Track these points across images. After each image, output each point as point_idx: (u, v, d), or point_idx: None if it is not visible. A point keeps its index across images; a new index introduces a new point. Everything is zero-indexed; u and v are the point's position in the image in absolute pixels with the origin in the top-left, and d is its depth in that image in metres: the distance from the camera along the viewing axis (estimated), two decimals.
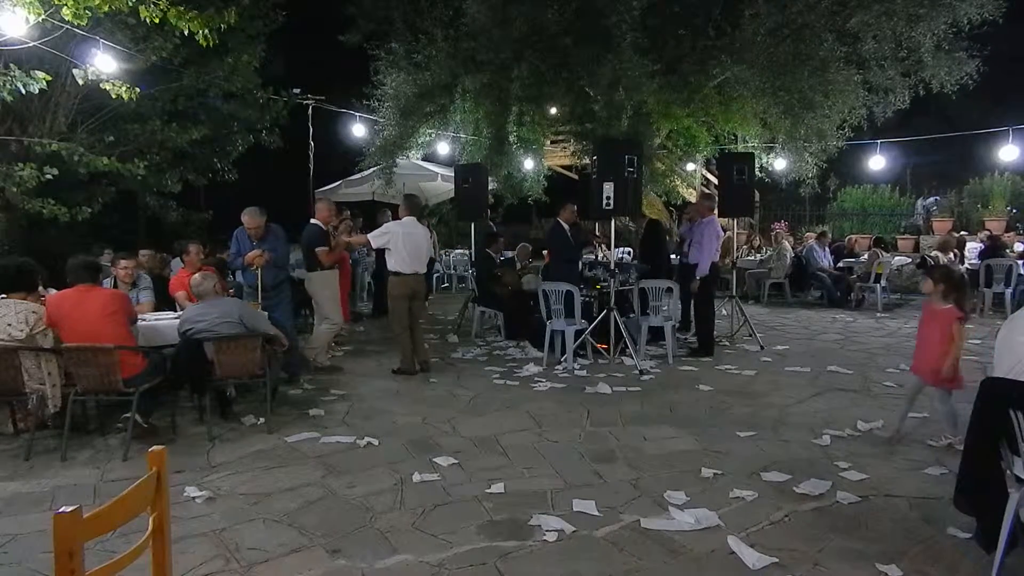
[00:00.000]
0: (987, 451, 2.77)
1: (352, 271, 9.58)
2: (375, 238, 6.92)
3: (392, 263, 6.77)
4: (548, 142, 12.83)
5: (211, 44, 6.81)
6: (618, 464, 4.25)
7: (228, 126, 12.11)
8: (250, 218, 6.26)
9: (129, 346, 4.70)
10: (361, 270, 11.21)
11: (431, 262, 10.29)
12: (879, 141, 12.59)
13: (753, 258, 13.14)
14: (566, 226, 7.90)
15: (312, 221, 6.91)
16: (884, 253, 11.43)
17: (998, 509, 2.70)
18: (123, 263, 6.21)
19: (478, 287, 9.10)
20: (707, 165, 13.99)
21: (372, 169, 11.55)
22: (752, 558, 2.98)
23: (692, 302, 8.08)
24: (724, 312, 8.91)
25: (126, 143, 9.87)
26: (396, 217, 7.23)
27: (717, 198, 9.08)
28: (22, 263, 5.07)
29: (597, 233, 9.31)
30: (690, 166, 13.30)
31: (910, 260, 12.71)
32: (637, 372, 6.70)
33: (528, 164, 11.72)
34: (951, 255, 11.08)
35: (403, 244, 6.71)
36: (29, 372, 4.50)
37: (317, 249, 6.75)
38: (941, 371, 4.20)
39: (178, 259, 7.60)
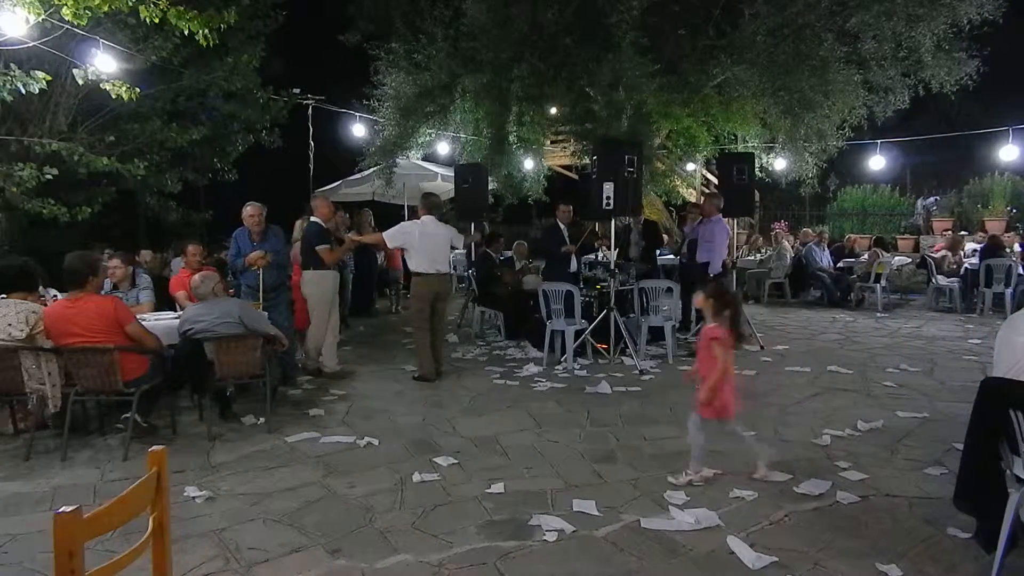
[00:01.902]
0: (987, 451, 2.76)
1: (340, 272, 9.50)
2: (391, 238, 6.73)
3: (413, 264, 6.62)
4: (548, 142, 12.83)
5: (211, 44, 6.79)
6: (618, 464, 4.25)
7: (228, 126, 12.09)
8: (253, 207, 6.25)
9: (128, 347, 4.68)
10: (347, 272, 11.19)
11: None
12: (879, 141, 12.59)
13: (753, 258, 13.14)
14: (563, 226, 7.90)
15: (313, 220, 6.70)
16: (884, 253, 11.43)
17: (998, 509, 2.70)
18: (113, 262, 6.12)
19: (478, 287, 9.10)
20: (707, 165, 13.99)
21: (372, 169, 11.55)
22: (752, 558, 2.98)
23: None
24: None
25: (126, 143, 9.86)
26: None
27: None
28: (23, 263, 5.07)
29: (597, 232, 9.30)
30: (690, 166, 13.30)
31: (910, 260, 12.71)
32: (637, 372, 6.70)
33: (528, 164, 11.72)
34: (960, 255, 11.08)
35: (420, 243, 6.51)
36: (29, 372, 4.50)
37: (318, 248, 6.54)
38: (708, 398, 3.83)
39: (178, 259, 7.59)
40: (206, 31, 6.62)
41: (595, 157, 7.37)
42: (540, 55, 9.85)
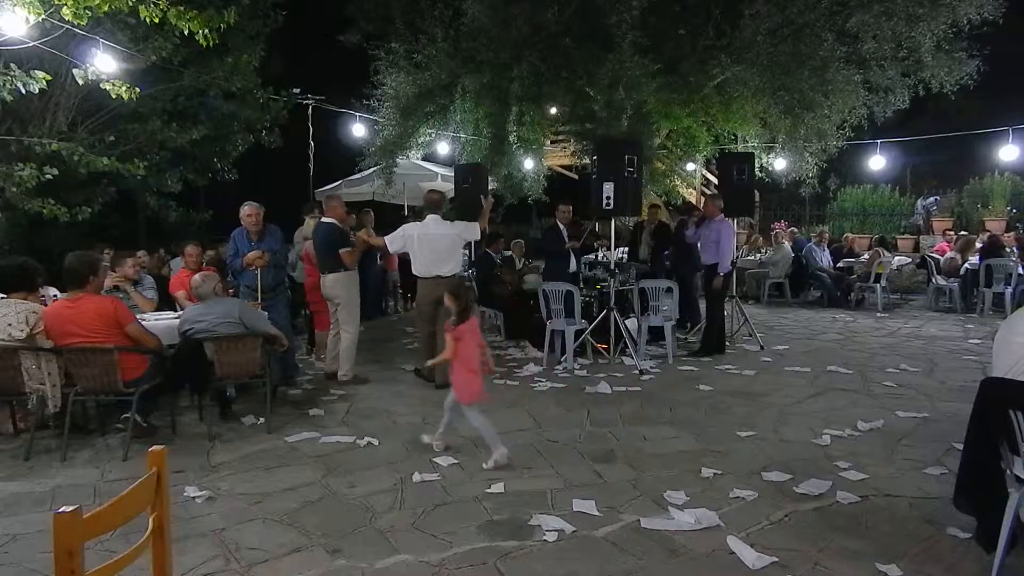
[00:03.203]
0: (987, 451, 2.77)
1: None
2: (392, 242, 6.61)
3: (413, 267, 6.50)
4: (548, 142, 12.84)
5: (211, 44, 6.79)
6: (618, 464, 4.25)
7: (228, 126, 12.09)
8: (250, 207, 6.21)
9: (128, 347, 4.68)
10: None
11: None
12: (879, 141, 12.60)
13: (753, 258, 13.14)
14: (562, 226, 7.90)
15: (327, 220, 6.52)
16: (886, 252, 11.42)
17: (998, 509, 2.70)
18: (135, 259, 6.19)
19: (478, 287, 9.09)
20: (707, 165, 14.01)
21: (372, 169, 11.56)
22: (752, 558, 2.98)
23: (706, 301, 8.05)
24: (724, 312, 8.91)
25: (126, 143, 9.86)
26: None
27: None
28: (23, 263, 5.06)
29: (596, 232, 9.31)
30: (690, 166, 13.31)
31: (910, 260, 12.71)
32: (637, 372, 6.70)
33: (528, 164, 11.73)
34: (971, 256, 11.04)
35: (419, 247, 6.35)
36: (29, 372, 4.50)
37: (342, 251, 6.37)
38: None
39: (178, 259, 7.59)
40: (206, 31, 6.61)
41: (595, 157, 7.37)
42: (540, 55, 9.85)
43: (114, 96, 6.90)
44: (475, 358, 4.30)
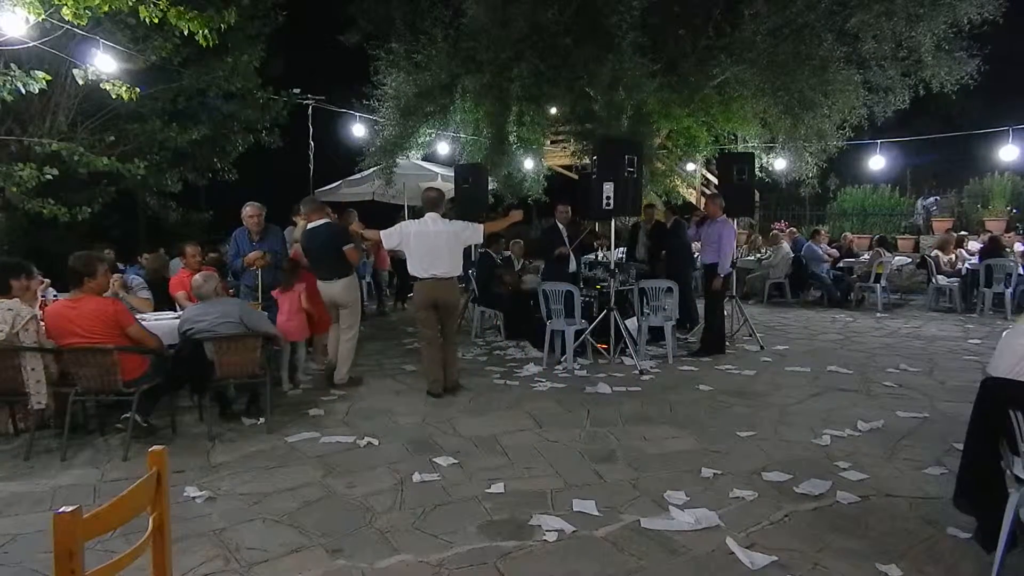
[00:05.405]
0: (987, 451, 2.77)
1: None
2: (388, 237, 6.21)
3: (408, 267, 6.15)
4: (548, 142, 12.85)
5: (211, 44, 6.78)
6: (618, 464, 4.25)
7: (228, 126, 12.06)
8: (253, 208, 6.19)
9: (128, 347, 4.68)
10: None
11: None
12: (879, 141, 12.60)
13: (753, 258, 13.14)
14: (562, 226, 7.90)
15: (322, 222, 6.25)
16: (887, 252, 11.41)
17: (998, 509, 2.70)
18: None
19: (478, 287, 9.09)
20: (707, 165, 14.02)
21: (372, 169, 11.57)
22: (752, 558, 2.98)
23: (705, 301, 8.05)
24: (724, 312, 8.90)
25: (126, 143, 9.85)
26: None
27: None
28: None
29: (596, 232, 9.30)
30: (690, 166, 13.32)
31: (910, 260, 12.70)
32: (637, 372, 6.70)
33: (528, 164, 11.73)
34: (952, 254, 11.07)
35: (415, 245, 5.96)
36: (26, 372, 4.49)
37: (346, 248, 6.11)
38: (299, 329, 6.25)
39: (178, 259, 7.59)
40: (206, 31, 6.60)
41: (595, 157, 7.36)
42: (540, 55, 9.86)
43: (114, 96, 6.89)
44: (290, 311, 6.19)
